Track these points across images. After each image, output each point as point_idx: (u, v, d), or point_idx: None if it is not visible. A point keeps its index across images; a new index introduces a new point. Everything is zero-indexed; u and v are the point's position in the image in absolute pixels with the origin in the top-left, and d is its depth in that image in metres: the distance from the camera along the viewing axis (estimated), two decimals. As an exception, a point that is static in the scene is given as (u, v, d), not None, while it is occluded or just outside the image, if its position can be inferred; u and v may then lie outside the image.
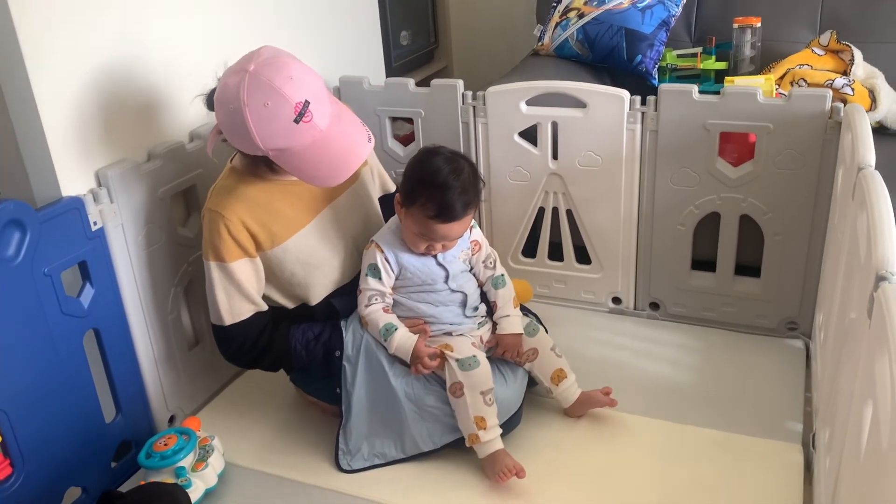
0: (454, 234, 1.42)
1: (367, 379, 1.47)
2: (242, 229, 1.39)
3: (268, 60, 1.29)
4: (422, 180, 1.40)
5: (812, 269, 1.72)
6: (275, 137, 1.28)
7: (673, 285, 1.87)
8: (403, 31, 2.96)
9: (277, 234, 1.43)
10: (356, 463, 1.46)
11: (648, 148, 1.75)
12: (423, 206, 1.39)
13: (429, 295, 1.48)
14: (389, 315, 1.47)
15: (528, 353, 1.53)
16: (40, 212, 1.28)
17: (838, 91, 1.96)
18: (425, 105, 1.89)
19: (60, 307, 1.32)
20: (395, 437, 1.47)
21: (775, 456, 1.43)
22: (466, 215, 1.41)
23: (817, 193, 1.65)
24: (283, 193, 1.44)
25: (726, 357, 1.74)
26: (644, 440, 1.50)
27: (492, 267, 1.55)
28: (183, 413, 1.64)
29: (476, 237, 1.53)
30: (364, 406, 1.47)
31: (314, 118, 1.29)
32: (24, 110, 1.28)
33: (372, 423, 1.48)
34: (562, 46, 2.43)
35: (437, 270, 1.47)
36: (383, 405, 1.47)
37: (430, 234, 1.41)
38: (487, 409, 1.40)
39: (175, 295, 1.60)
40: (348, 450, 1.47)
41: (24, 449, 1.27)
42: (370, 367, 1.46)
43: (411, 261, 1.46)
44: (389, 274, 1.46)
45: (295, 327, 1.49)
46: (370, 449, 1.47)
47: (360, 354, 1.46)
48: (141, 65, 1.49)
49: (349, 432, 1.48)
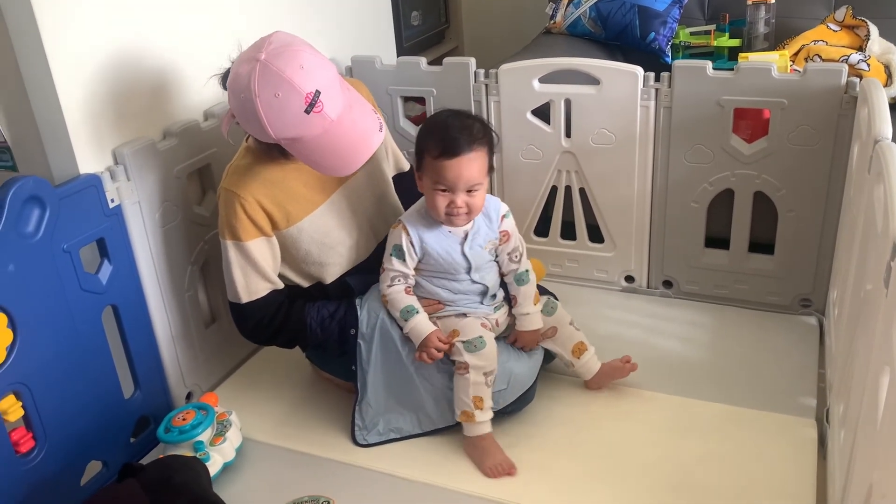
0: (465, 174, 1.36)
1: (382, 357, 1.48)
2: (258, 208, 1.40)
3: (278, 49, 1.28)
4: (426, 130, 1.42)
5: (826, 246, 1.71)
6: (286, 128, 1.28)
7: (686, 263, 1.87)
8: (414, 12, 2.95)
9: (292, 213, 1.44)
10: (372, 438, 1.48)
11: (662, 125, 1.75)
12: (429, 152, 1.37)
13: (449, 283, 1.48)
14: (411, 297, 1.47)
15: (548, 332, 1.53)
16: (59, 189, 1.29)
17: (854, 67, 1.95)
18: (437, 84, 1.89)
19: (80, 283, 1.34)
20: (410, 413, 1.49)
21: (789, 431, 1.43)
22: (473, 151, 1.35)
23: (832, 169, 1.64)
24: (298, 173, 1.44)
25: (740, 334, 1.74)
26: (657, 415, 1.51)
27: (517, 261, 1.51)
28: (200, 389, 1.66)
29: (507, 227, 1.49)
30: (379, 383, 1.48)
31: (325, 108, 1.28)
32: (43, 89, 1.29)
33: (387, 400, 1.49)
34: (574, 24, 2.42)
35: (459, 260, 1.45)
36: (398, 382, 1.48)
37: (442, 179, 1.36)
38: (486, 391, 1.41)
39: (191, 272, 1.61)
40: (364, 425, 1.49)
41: (45, 423, 1.29)
42: (385, 345, 1.47)
43: (435, 247, 1.44)
44: (413, 256, 1.45)
45: (310, 305, 1.50)
46: (386, 424, 1.49)
47: (374, 333, 1.47)
48: (157, 44, 1.50)
49: (365, 408, 1.49)
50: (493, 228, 1.48)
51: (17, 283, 1.22)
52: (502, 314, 1.53)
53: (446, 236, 1.45)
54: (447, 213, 1.40)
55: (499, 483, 1.37)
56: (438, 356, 1.43)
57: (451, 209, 1.39)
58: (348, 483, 1.40)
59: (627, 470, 1.38)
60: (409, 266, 1.46)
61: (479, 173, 1.38)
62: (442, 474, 1.40)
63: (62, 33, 1.29)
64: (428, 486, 1.38)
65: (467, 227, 1.46)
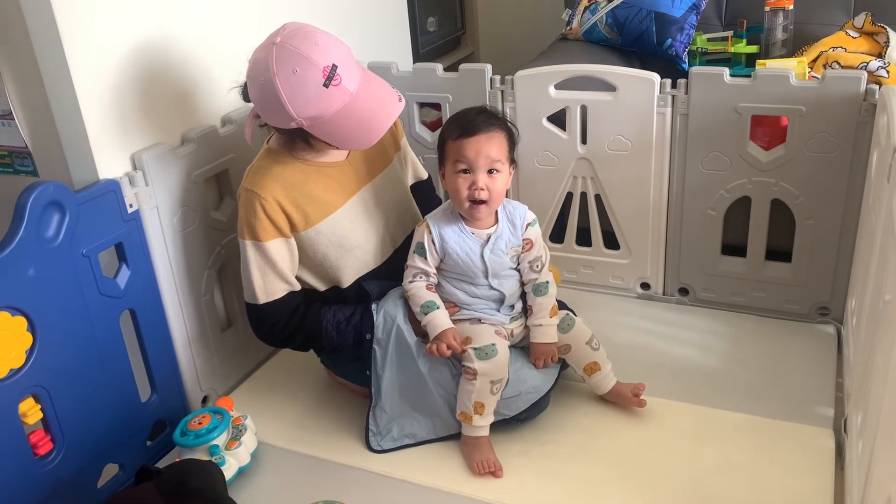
0: (485, 149, 1.38)
1: (397, 363, 1.48)
2: (278, 209, 1.41)
3: (293, 31, 1.32)
4: (447, 121, 1.48)
5: (844, 254, 1.70)
6: (306, 105, 1.30)
7: (702, 270, 1.86)
8: (430, 18, 2.96)
9: (311, 215, 1.45)
10: (386, 443, 1.48)
11: (679, 132, 1.74)
12: (450, 135, 1.42)
13: (467, 286, 1.48)
14: (432, 293, 1.48)
15: (562, 348, 1.51)
16: (78, 194, 1.30)
17: (873, 74, 1.93)
18: (453, 90, 1.90)
19: (98, 287, 1.35)
20: (425, 419, 1.49)
21: (806, 440, 1.42)
22: (492, 130, 1.40)
23: (850, 177, 1.63)
24: (318, 175, 1.46)
25: (756, 342, 1.73)
26: (673, 424, 1.50)
27: (537, 270, 1.50)
28: (216, 393, 1.67)
29: (531, 235, 1.49)
30: (394, 389, 1.49)
31: (343, 81, 1.31)
32: (63, 95, 1.31)
33: (402, 405, 1.49)
34: (591, 31, 2.42)
35: (478, 263, 1.46)
36: (412, 388, 1.48)
37: (462, 157, 1.39)
38: (490, 398, 1.41)
39: (208, 277, 1.62)
40: (378, 431, 1.49)
41: (63, 425, 1.30)
42: (400, 351, 1.48)
43: (455, 247, 1.45)
44: (434, 254, 1.47)
45: (326, 309, 1.51)
46: (400, 430, 1.49)
47: (390, 338, 1.47)
48: (176, 49, 1.51)
49: (379, 414, 1.49)
50: (516, 235, 1.48)
51: (36, 288, 1.23)
52: (518, 325, 1.52)
53: (468, 237, 1.46)
54: (469, 197, 1.41)
55: (512, 490, 1.37)
56: (447, 353, 1.42)
57: (472, 190, 1.40)
58: (363, 488, 1.40)
59: (642, 479, 1.37)
60: (430, 264, 1.48)
61: (498, 151, 1.41)
62: (456, 480, 1.40)
63: (83, 40, 1.31)
64: (442, 493, 1.38)
65: (490, 230, 1.46)
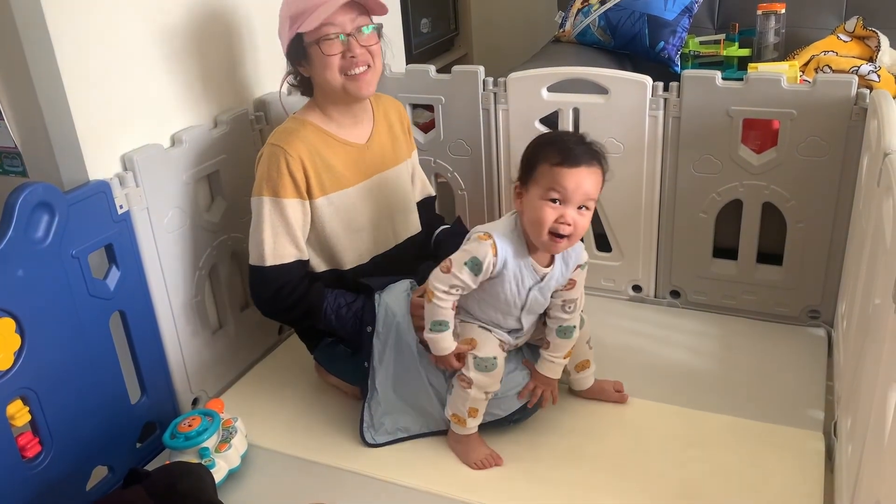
0: (585, 185, 1.28)
1: (395, 358, 1.48)
2: (300, 168, 1.45)
3: None
4: (544, 140, 1.37)
5: (835, 258, 1.70)
6: (299, 2, 1.42)
7: (694, 273, 1.86)
8: (424, 19, 2.95)
9: (326, 183, 1.49)
10: (380, 437, 1.49)
11: (671, 134, 1.74)
12: (548, 159, 1.29)
13: (495, 313, 1.43)
14: (451, 313, 1.39)
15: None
16: (68, 195, 1.30)
17: (864, 78, 1.94)
18: (446, 91, 1.89)
19: (87, 289, 1.34)
20: (418, 414, 1.49)
21: (796, 443, 1.42)
22: (592, 166, 1.30)
23: (841, 181, 1.64)
24: (339, 150, 1.52)
25: (747, 345, 1.74)
26: (664, 427, 1.50)
27: (569, 312, 1.44)
28: (206, 395, 1.67)
29: (577, 277, 1.44)
30: (390, 383, 1.49)
31: None
32: (53, 95, 1.30)
33: (396, 400, 1.50)
34: (583, 33, 2.42)
35: (521, 299, 1.39)
36: (409, 384, 1.48)
37: (558, 187, 1.28)
38: (482, 403, 1.41)
39: (199, 278, 1.62)
40: (372, 423, 1.49)
41: (52, 427, 1.29)
42: (399, 347, 1.47)
43: (510, 277, 1.36)
44: (487, 275, 1.35)
45: (329, 291, 1.51)
46: (393, 423, 1.49)
47: (390, 333, 1.47)
48: (167, 51, 1.51)
49: (374, 407, 1.49)
50: (565, 275, 1.42)
51: (25, 289, 1.22)
52: (522, 342, 1.50)
53: (527, 270, 1.37)
54: (552, 230, 1.29)
55: (503, 492, 1.36)
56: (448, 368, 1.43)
57: (558, 224, 1.29)
58: (353, 490, 1.40)
59: (633, 481, 1.37)
60: (476, 282, 1.36)
61: (594, 188, 1.31)
62: (448, 484, 1.39)
63: (73, 40, 1.30)
64: (433, 496, 1.37)
65: (547, 270, 1.39)
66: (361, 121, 1.58)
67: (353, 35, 1.44)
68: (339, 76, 1.46)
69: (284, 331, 1.90)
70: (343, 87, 1.47)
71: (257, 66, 1.74)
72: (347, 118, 1.55)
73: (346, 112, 1.54)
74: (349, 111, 1.54)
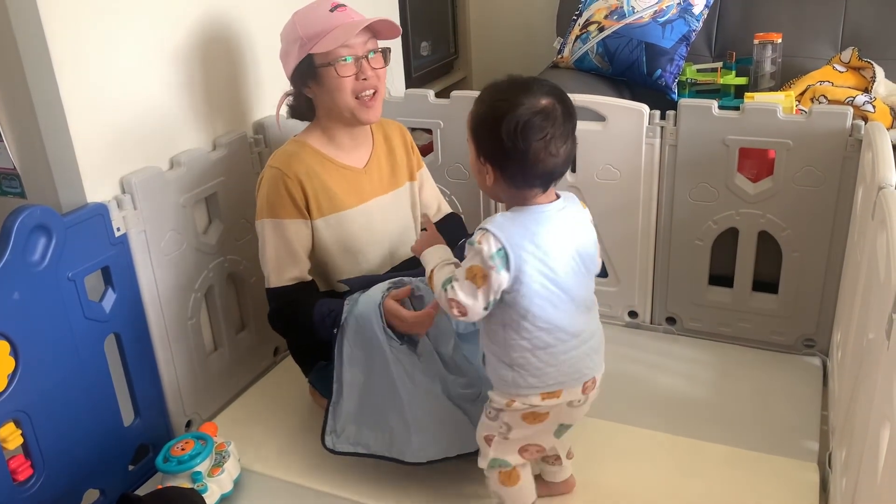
0: None
1: (362, 357, 1.42)
2: (299, 188, 1.47)
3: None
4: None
5: (830, 287, 1.71)
6: (312, 24, 1.44)
7: (690, 300, 1.86)
8: (424, 42, 2.97)
9: (324, 206, 1.50)
10: (340, 445, 1.43)
11: (667, 162, 1.75)
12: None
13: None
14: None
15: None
16: (66, 217, 1.30)
17: (859, 108, 1.95)
18: (444, 116, 1.90)
19: (83, 311, 1.34)
20: (382, 432, 1.41)
21: (791, 474, 1.42)
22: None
23: (836, 211, 1.65)
24: (336, 173, 1.53)
25: (742, 373, 1.74)
26: (658, 455, 1.50)
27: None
28: (200, 418, 1.66)
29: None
30: (356, 387, 1.43)
31: (348, 11, 1.46)
32: (52, 118, 1.30)
33: (362, 407, 1.43)
34: (581, 59, 2.44)
35: None
36: (377, 389, 1.42)
37: None
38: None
39: (195, 301, 1.61)
40: (335, 428, 1.44)
41: (44, 451, 1.29)
42: (368, 350, 1.41)
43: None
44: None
45: (320, 302, 1.48)
46: (357, 434, 1.43)
47: (359, 335, 1.42)
48: (167, 74, 1.52)
49: (338, 411, 1.44)
50: None
51: (20, 311, 1.22)
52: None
53: None
54: None
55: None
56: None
57: None
58: (346, 518, 1.39)
59: (627, 511, 1.36)
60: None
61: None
62: (442, 511, 1.39)
63: (73, 63, 1.31)
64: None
65: None
66: (361, 144, 1.59)
67: (364, 58, 1.46)
68: (352, 99, 1.47)
69: (279, 353, 1.90)
70: (353, 110, 1.48)
71: (257, 88, 1.75)
72: (347, 141, 1.56)
73: (347, 135, 1.55)
74: (350, 134, 1.55)
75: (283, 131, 1.62)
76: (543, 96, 1.13)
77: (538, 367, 1.19)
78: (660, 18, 2.34)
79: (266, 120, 1.77)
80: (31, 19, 1.24)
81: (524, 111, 1.10)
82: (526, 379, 1.19)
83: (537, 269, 1.14)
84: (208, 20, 1.59)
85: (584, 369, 1.22)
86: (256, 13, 1.70)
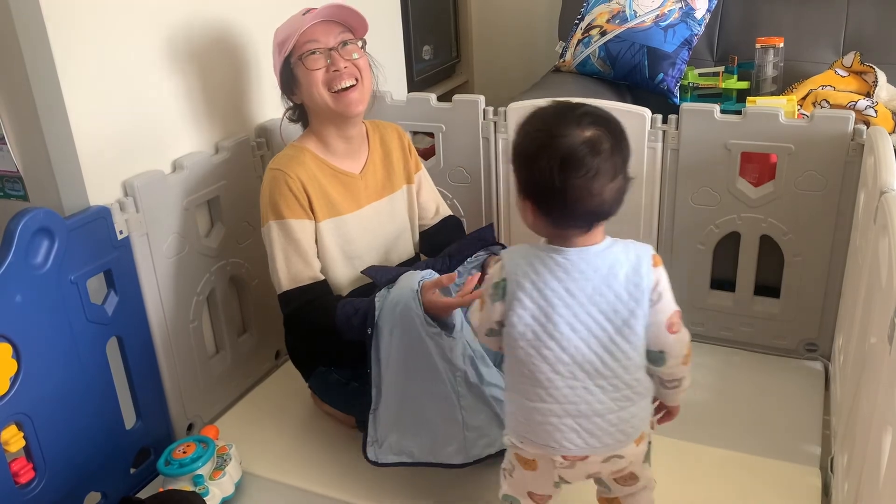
0: None
1: (405, 357, 1.32)
2: (302, 190, 1.48)
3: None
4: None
5: (832, 291, 1.71)
6: (285, 30, 1.47)
7: (691, 304, 1.86)
8: (426, 46, 2.98)
9: (322, 210, 1.51)
10: (384, 455, 1.34)
11: (669, 166, 1.75)
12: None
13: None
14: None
15: None
16: (68, 220, 1.30)
17: (861, 113, 1.95)
18: (446, 120, 1.91)
19: (85, 314, 1.34)
20: (423, 438, 1.33)
21: (793, 479, 1.42)
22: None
23: (838, 215, 1.64)
24: (333, 178, 1.54)
25: (744, 377, 1.73)
26: (659, 460, 1.48)
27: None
28: (201, 421, 1.66)
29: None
30: (397, 389, 1.34)
31: (319, 10, 1.46)
32: (55, 121, 1.31)
33: (402, 412, 1.34)
34: (583, 63, 2.44)
35: None
36: (419, 391, 1.33)
37: None
38: None
39: (197, 303, 1.62)
40: (377, 437, 1.35)
41: (46, 453, 1.29)
42: (408, 344, 1.31)
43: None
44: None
45: (340, 303, 1.44)
46: (399, 442, 1.35)
47: (394, 330, 1.32)
48: (169, 77, 1.52)
49: (378, 419, 1.35)
50: None
51: (23, 314, 1.22)
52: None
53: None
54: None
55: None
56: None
57: None
58: (347, 521, 1.39)
59: (628, 515, 1.36)
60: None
61: None
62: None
63: (77, 66, 1.32)
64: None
65: None
66: (356, 149, 1.59)
67: (335, 49, 1.47)
68: (325, 91, 1.47)
69: (281, 356, 1.90)
70: (332, 104, 1.48)
71: (259, 92, 1.75)
72: (342, 146, 1.56)
73: (340, 138, 1.55)
74: (343, 136, 1.55)
75: (285, 140, 1.63)
76: (588, 127, 0.99)
77: (511, 411, 1.11)
78: (662, 23, 2.34)
79: (269, 123, 1.77)
80: (35, 23, 1.24)
81: (563, 144, 0.97)
82: (507, 413, 1.13)
83: (530, 313, 1.03)
84: (211, 24, 1.60)
85: (563, 441, 1.06)
86: (259, 18, 1.70)
